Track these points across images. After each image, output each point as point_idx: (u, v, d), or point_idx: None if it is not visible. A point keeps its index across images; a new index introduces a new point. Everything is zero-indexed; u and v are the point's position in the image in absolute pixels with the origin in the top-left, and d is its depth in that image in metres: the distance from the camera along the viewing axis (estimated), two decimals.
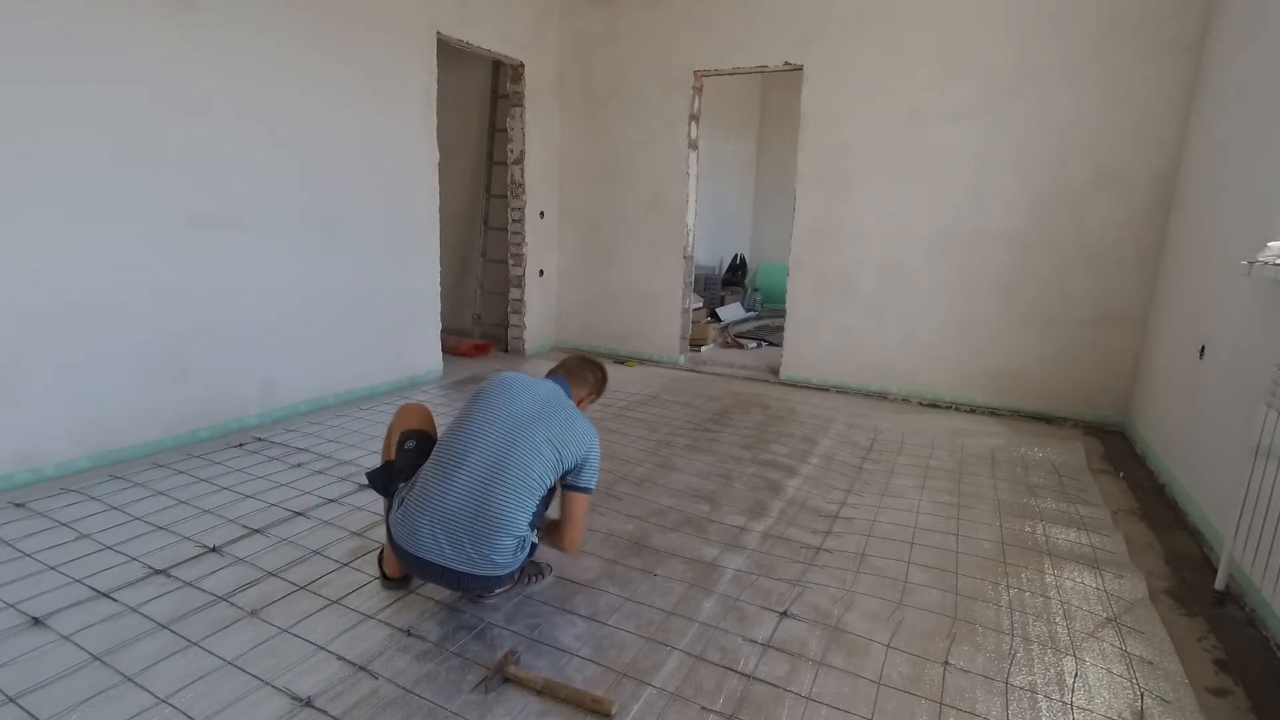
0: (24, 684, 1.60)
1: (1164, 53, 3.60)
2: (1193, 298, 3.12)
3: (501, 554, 1.76)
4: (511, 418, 1.84)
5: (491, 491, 1.74)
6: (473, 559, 1.75)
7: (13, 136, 2.51)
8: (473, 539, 1.74)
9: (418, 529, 1.78)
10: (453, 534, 1.75)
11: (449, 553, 1.75)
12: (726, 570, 2.22)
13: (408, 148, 4.16)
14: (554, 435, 1.82)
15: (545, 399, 1.92)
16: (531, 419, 1.84)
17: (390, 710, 1.56)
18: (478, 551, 1.75)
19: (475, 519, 1.74)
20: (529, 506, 1.79)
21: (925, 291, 4.35)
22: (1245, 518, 2.06)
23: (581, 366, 2.15)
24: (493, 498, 1.74)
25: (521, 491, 1.76)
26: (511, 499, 1.75)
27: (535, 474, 1.78)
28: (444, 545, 1.75)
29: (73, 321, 2.75)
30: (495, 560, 1.77)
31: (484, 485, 1.75)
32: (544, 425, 1.83)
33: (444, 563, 1.77)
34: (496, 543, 1.75)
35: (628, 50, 5.05)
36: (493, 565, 1.77)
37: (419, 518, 1.78)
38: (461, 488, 1.76)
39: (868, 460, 3.32)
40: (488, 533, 1.74)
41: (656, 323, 5.30)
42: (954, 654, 1.83)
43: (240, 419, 3.41)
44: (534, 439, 1.80)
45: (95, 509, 2.50)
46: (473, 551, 1.75)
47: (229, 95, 3.17)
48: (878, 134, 4.32)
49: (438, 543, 1.76)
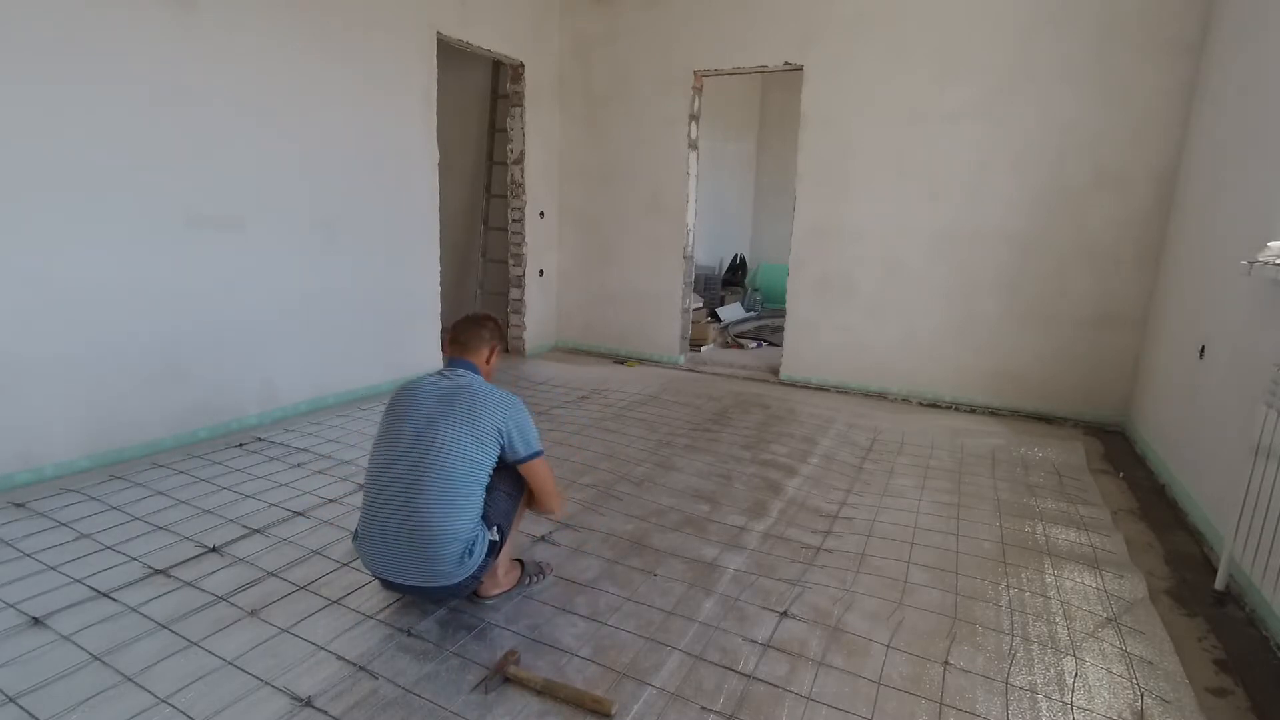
0: (24, 684, 1.60)
1: (1164, 53, 3.60)
2: (1193, 298, 3.12)
3: (447, 563, 1.72)
4: (416, 425, 1.78)
5: (416, 507, 1.71)
6: (424, 574, 1.74)
7: (13, 137, 2.51)
8: (416, 556, 1.73)
9: (371, 555, 1.80)
10: (397, 554, 1.75)
11: (403, 572, 1.76)
12: (726, 570, 2.22)
13: (408, 148, 4.16)
14: (463, 425, 1.76)
15: (443, 392, 1.83)
16: (436, 415, 1.78)
17: (390, 710, 1.56)
18: (426, 566, 1.73)
19: (411, 536, 1.72)
20: (461, 508, 1.73)
21: (925, 291, 4.35)
22: (1245, 518, 2.06)
23: (468, 332, 2.00)
24: (419, 512, 1.71)
25: (447, 498, 1.72)
26: (437, 508, 1.71)
27: (457, 474, 1.73)
28: (395, 566, 1.76)
29: (73, 321, 2.75)
30: (445, 570, 1.73)
31: (408, 502, 1.72)
32: (448, 421, 1.77)
33: (404, 581, 1.78)
34: (439, 554, 1.71)
35: (628, 50, 5.05)
36: (446, 575, 1.74)
37: (367, 544, 1.80)
38: (389, 510, 1.75)
39: (868, 460, 3.32)
40: (426, 547, 1.71)
41: (656, 323, 5.30)
42: (954, 654, 1.82)
43: (240, 419, 3.41)
44: (442, 439, 1.74)
45: (95, 509, 2.50)
46: (421, 567, 1.73)
47: (229, 95, 3.17)
48: (878, 134, 4.32)
49: (390, 564, 1.77)
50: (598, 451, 3.28)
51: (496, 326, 2.08)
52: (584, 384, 4.58)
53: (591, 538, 2.41)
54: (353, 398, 3.99)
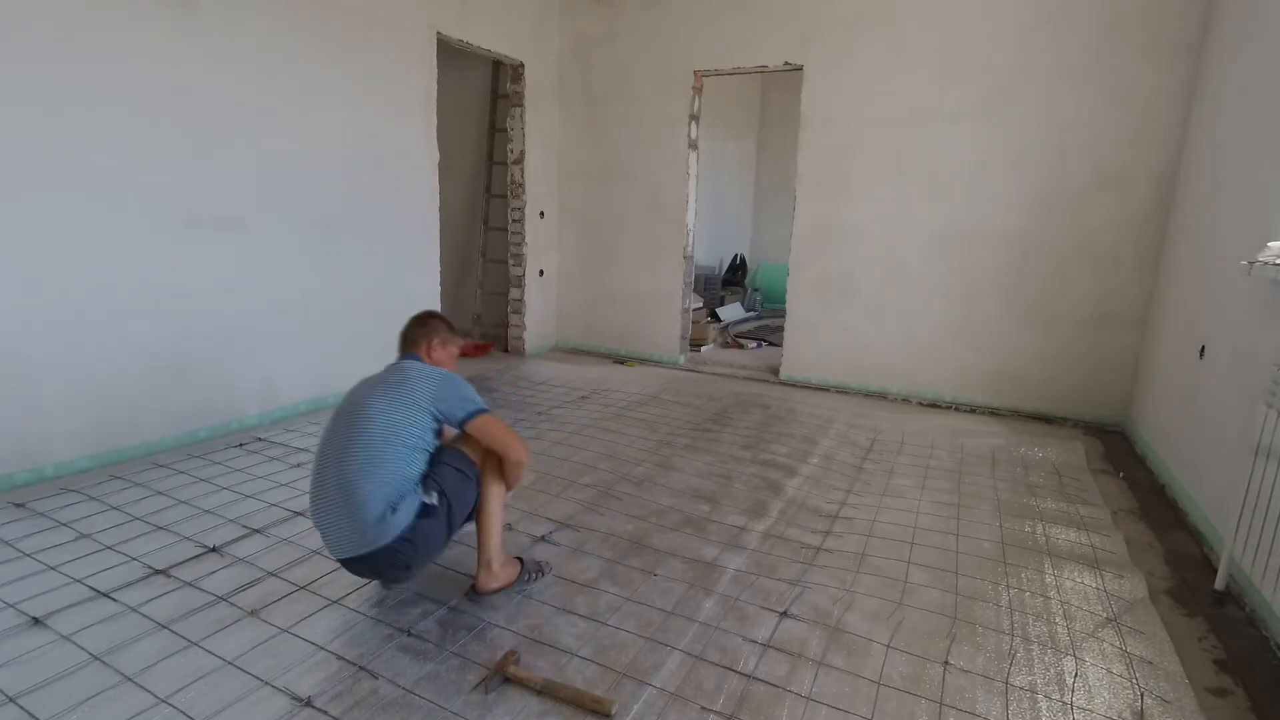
0: (24, 684, 1.60)
1: (1164, 53, 3.60)
2: (1193, 298, 3.12)
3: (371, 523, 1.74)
4: (347, 407, 1.88)
5: (343, 473, 1.77)
6: (355, 540, 1.76)
7: (13, 137, 2.51)
8: (345, 522, 1.76)
9: (324, 535, 1.83)
10: (334, 525, 1.79)
11: (341, 543, 1.79)
12: (726, 570, 2.22)
13: (408, 148, 4.16)
14: (386, 397, 1.83)
15: (383, 376, 1.92)
16: (364, 397, 1.86)
17: (390, 710, 1.56)
18: (354, 531, 1.76)
19: (339, 503, 1.77)
20: (379, 467, 1.76)
21: (925, 291, 4.35)
22: (1245, 518, 2.06)
23: (413, 330, 2.08)
24: (344, 477, 1.76)
25: (366, 458, 1.76)
26: (357, 469, 1.75)
27: (376, 436, 1.78)
28: (334, 538, 1.80)
29: (73, 321, 2.75)
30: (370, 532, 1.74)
31: (337, 472, 1.78)
32: (376, 395, 1.85)
33: (344, 554, 1.80)
34: (362, 515, 1.74)
35: (628, 50, 5.05)
36: (373, 538, 1.75)
37: (318, 525, 1.84)
38: (323, 483, 1.81)
39: (868, 460, 3.32)
40: (352, 511, 1.75)
41: (656, 323, 5.30)
42: (954, 654, 1.82)
43: (240, 419, 3.41)
44: (366, 410, 1.82)
45: (95, 509, 2.50)
46: (351, 533, 1.76)
47: (229, 95, 3.17)
48: (878, 134, 4.32)
49: (330, 537, 1.81)
50: (598, 451, 3.28)
51: (437, 321, 2.12)
52: (584, 384, 4.58)
53: (591, 538, 2.41)
54: None
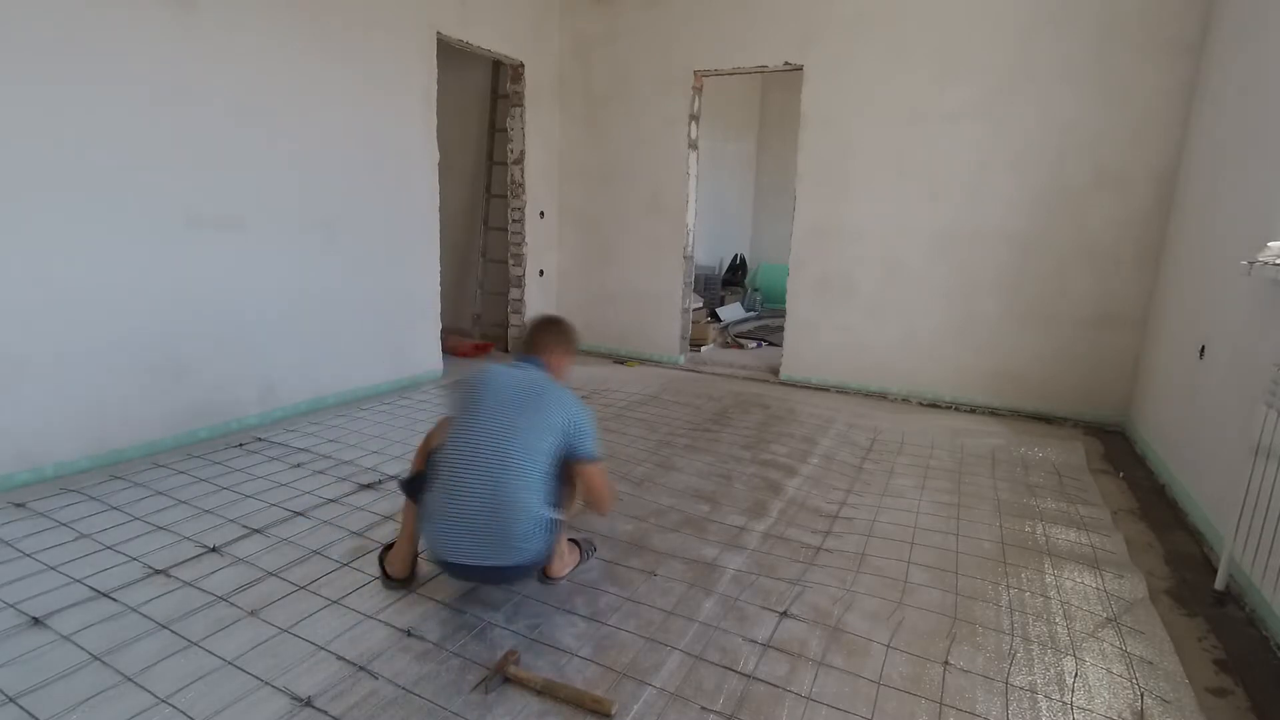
0: (24, 684, 1.60)
1: (1164, 53, 3.60)
2: (1193, 298, 3.12)
3: (528, 540, 1.80)
4: (499, 410, 1.87)
5: (500, 482, 1.79)
6: (499, 551, 1.80)
7: (14, 137, 2.51)
8: (493, 533, 1.79)
9: (445, 537, 1.82)
10: (474, 533, 1.79)
11: (477, 552, 1.80)
12: (726, 570, 2.22)
13: (408, 148, 4.16)
14: (536, 421, 1.86)
15: (522, 384, 1.94)
16: (515, 406, 1.88)
17: (390, 710, 1.56)
18: (502, 543, 1.79)
19: (491, 513, 1.78)
20: (536, 488, 1.82)
21: (925, 291, 4.35)
22: (1245, 518, 2.06)
23: (545, 335, 2.15)
24: (502, 488, 1.79)
25: (525, 476, 1.81)
26: (519, 484, 1.80)
27: (532, 456, 1.83)
28: (470, 546, 1.80)
29: (73, 321, 2.75)
30: (520, 547, 1.80)
31: (492, 479, 1.79)
32: (527, 410, 1.87)
33: (476, 562, 1.81)
34: (515, 529, 1.79)
35: (628, 50, 5.05)
36: (519, 553, 1.81)
37: (442, 526, 1.82)
38: (471, 488, 1.80)
39: (868, 460, 3.32)
40: (505, 522, 1.78)
41: (656, 323, 5.30)
42: (954, 654, 1.83)
43: (240, 419, 3.41)
44: (520, 425, 1.84)
45: (95, 509, 2.50)
46: (498, 545, 1.79)
47: (229, 95, 3.17)
48: (878, 134, 4.32)
49: (464, 545, 1.80)
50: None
51: (566, 332, 2.20)
52: (584, 384, 4.58)
53: (591, 538, 2.41)
54: (353, 398, 3.99)
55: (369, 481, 2.83)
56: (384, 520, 2.50)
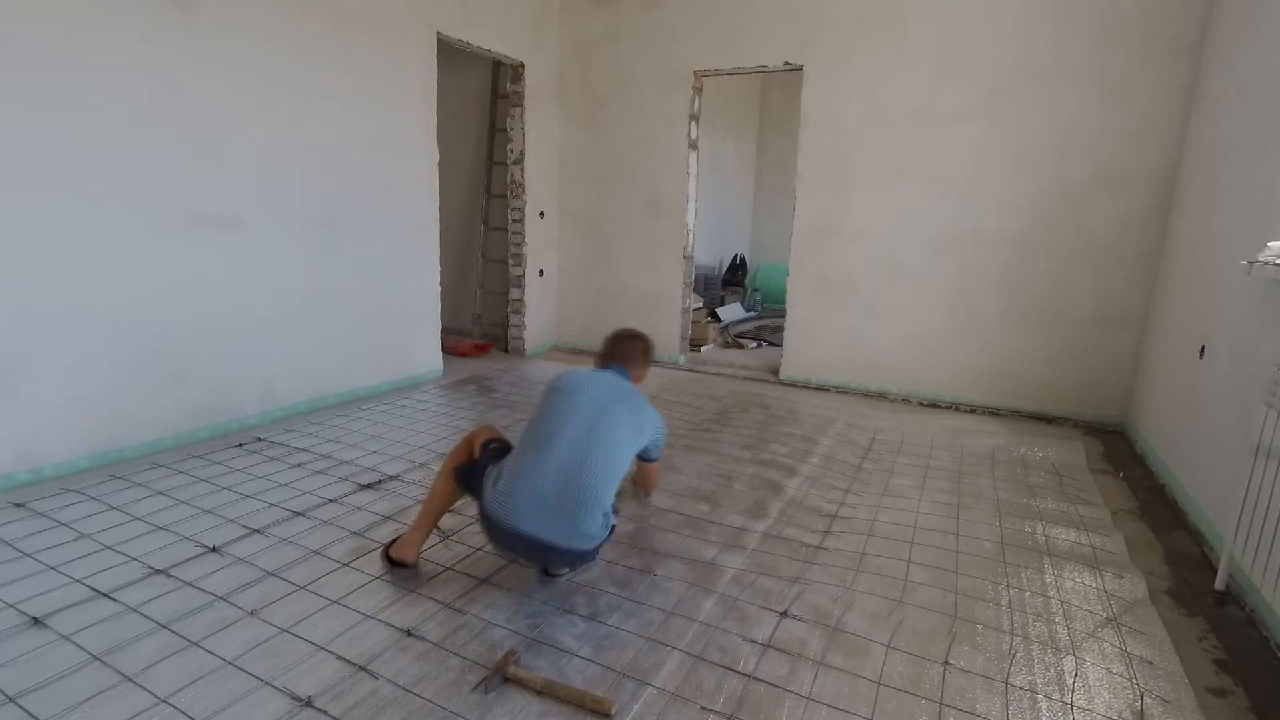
0: (24, 684, 1.60)
1: (1164, 53, 3.60)
2: (1193, 298, 3.12)
3: (590, 527, 1.91)
4: (594, 405, 2.01)
5: (583, 469, 1.90)
6: (564, 532, 1.89)
7: (14, 137, 2.51)
8: (565, 513, 1.88)
9: (517, 504, 1.88)
10: (547, 508, 1.87)
11: (543, 525, 1.88)
12: (726, 570, 2.22)
13: (408, 148, 4.16)
14: (630, 421, 2.05)
15: (615, 388, 2.12)
16: (610, 405, 2.03)
17: (390, 710, 1.56)
18: (570, 525, 1.89)
19: (567, 495, 1.88)
20: (614, 482, 1.97)
21: (925, 291, 4.35)
22: (1245, 518, 2.06)
23: (627, 348, 2.32)
24: (584, 474, 1.89)
25: (608, 469, 1.95)
26: (600, 475, 1.92)
27: (617, 454, 1.98)
28: (539, 519, 1.87)
29: (73, 321, 2.75)
30: (585, 533, 1.91)
31: (576, 463, 1.90)
32: (619, 412, 2.03)
33: (538, 534, 1.88)
34: (586, 516, 1.89)
35: (628, 50, 5.05)
36: (582, 538, 1.91)
37: (518, 494, 1.89)
38: (555, 466, 1.90)
39: (867, 460, 3.32)
40: (578, 507, 1.89)
41: (656, 323, 5.30)
42: (954, 654, 1.83)
43: (240, 419, 3.41)
44: (614, 423, 1.99)
45: (95, 509, 2.50)
46: (565, 525, 1.88)
47: (228, 95, 3.17)
48: (878, 134, 4.32)
49: (534, 517, 1.87)
50: None
51: (649, 349, 2.40)
52: None
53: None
54: (352, 398, 3.99)
55: (369, 481, 2.83)
56: (384, 520, 2.50)
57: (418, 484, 2.83)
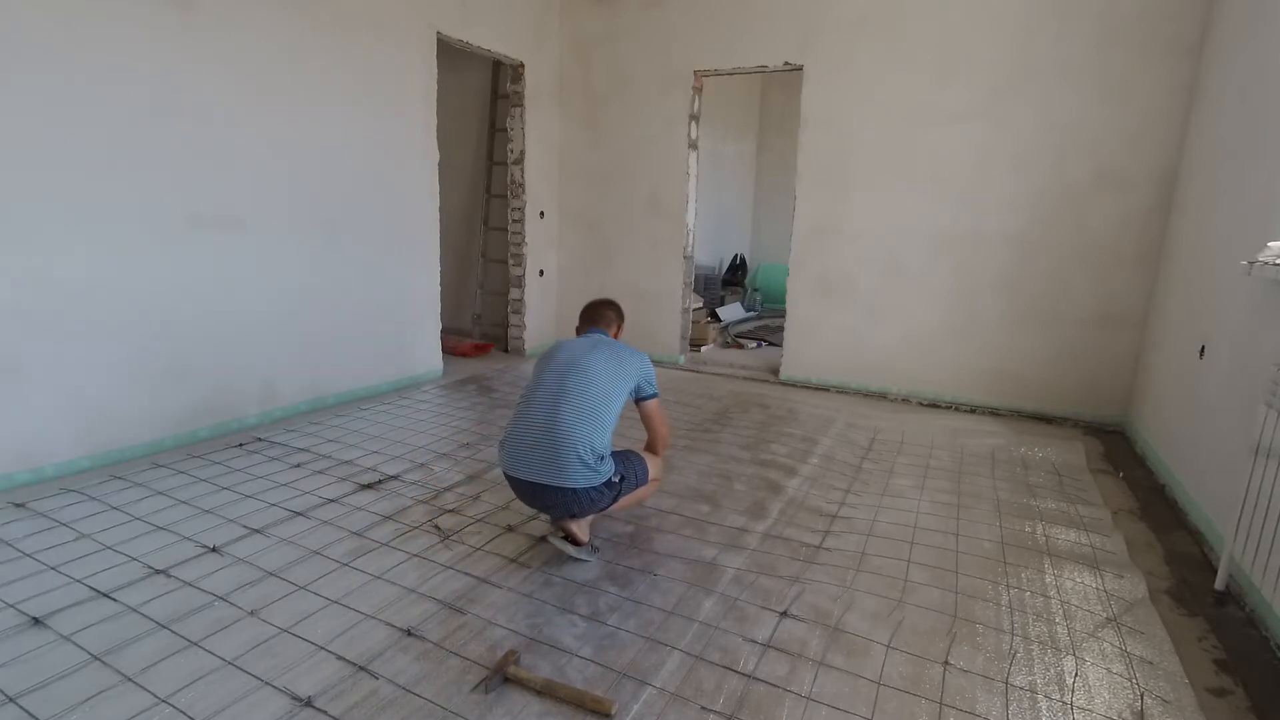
0: (24, 684, 1.60)
1: (1164, 53, 3.60)
2: (1193, 298, 3.12)
3: (574, 464, 2.06)
4: (569, 357, 2.23)
5: (559, 409, 2.10)
6: (550, 471, 2.07)
7: (14, 137, 2.51)
8: (548, 452, 2.07)
9: (512, 453, 2.14)
10: (535, 451, 2.09)
11: (533, 467, 2.09)
12: (726, 570, 2.22)
13: (408, 148, 4.16)
14: (607, 360, 2.22)
15: (590, 341, 2.31)
16: (583, 352, 2.23)
17: (390, 710, 1.56)
18: (554, 463, 2.06)
19: (547, 436, 2.08)
20: (597, 418, 2.11)
21: (925, 291, 4.35)
22: (1245, 518, 2.06)
23: (605, 310, 2.52)
24: (561, 413, 2.09)
25: (586, 405, 2.11)
26: (572, 415, 2.09)
27: (595, 390, 2.14)
28: (529, 462, 2.09)
29: (73, 322, 2.75)
30: (568, 473, 2.05)
31: (552, 406, 2.11)
32: (594, 356, 2.21)
33: (530, 477, 2.09)
34: (567, 453, 2.05)
35: (628, 50, 5.05)
36: (570, 476, 2.06)
37: (511, 445, 2.15)
38: (538, 413, 2.13)
39: (867, 460, 3.32)
40: (559, 445, 2.06)
41: (656, 323, 5.30)
42: (954, 654, 1.83)
43: (240, 419, 3.41)
44: (588, 364, 2.18)
45: (95, 509, 2.50)
46: (550, 464, 2.07)
47: (228, 96, 3.17)
48: (878, 134, 4.32)
49: (525, 462, 2.10)
50: None
51: (619, 310, 2.60)
52: None
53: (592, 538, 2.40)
54: (353, 398, 3.99)
55: (369, 481, 2.83)
56: (384, 520, 2.50)
57: (418, 484, 2.83)
